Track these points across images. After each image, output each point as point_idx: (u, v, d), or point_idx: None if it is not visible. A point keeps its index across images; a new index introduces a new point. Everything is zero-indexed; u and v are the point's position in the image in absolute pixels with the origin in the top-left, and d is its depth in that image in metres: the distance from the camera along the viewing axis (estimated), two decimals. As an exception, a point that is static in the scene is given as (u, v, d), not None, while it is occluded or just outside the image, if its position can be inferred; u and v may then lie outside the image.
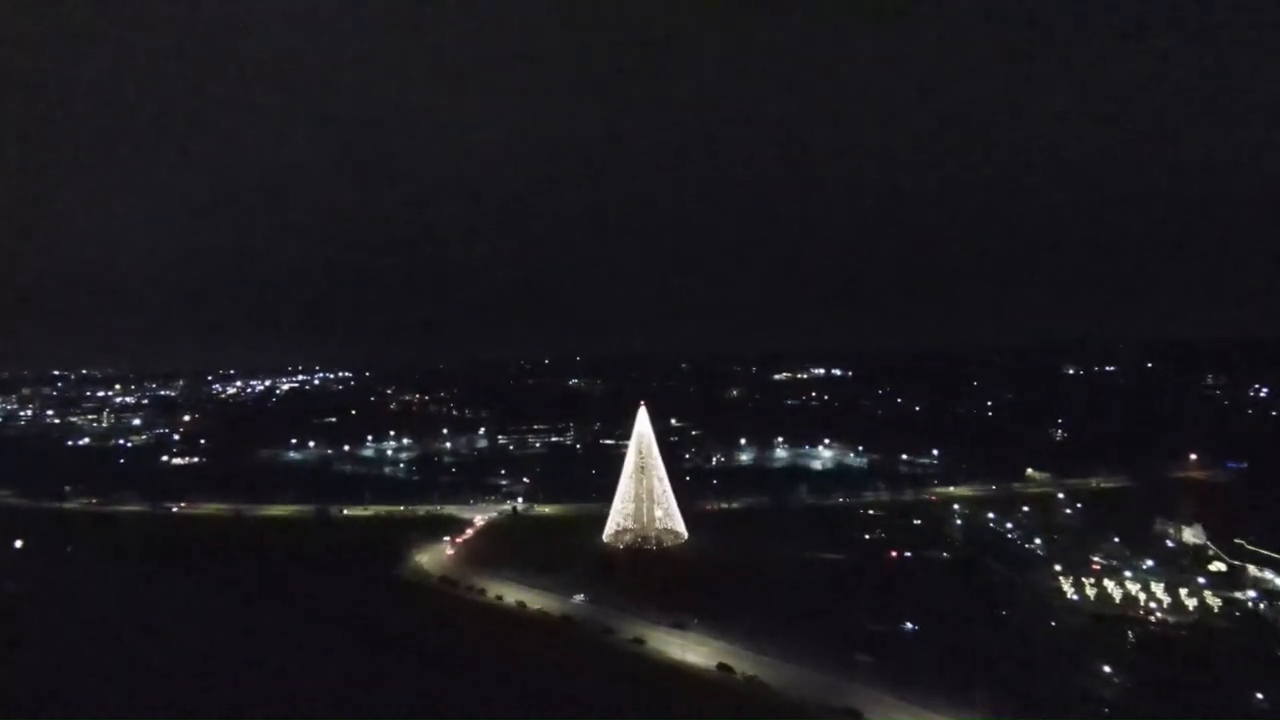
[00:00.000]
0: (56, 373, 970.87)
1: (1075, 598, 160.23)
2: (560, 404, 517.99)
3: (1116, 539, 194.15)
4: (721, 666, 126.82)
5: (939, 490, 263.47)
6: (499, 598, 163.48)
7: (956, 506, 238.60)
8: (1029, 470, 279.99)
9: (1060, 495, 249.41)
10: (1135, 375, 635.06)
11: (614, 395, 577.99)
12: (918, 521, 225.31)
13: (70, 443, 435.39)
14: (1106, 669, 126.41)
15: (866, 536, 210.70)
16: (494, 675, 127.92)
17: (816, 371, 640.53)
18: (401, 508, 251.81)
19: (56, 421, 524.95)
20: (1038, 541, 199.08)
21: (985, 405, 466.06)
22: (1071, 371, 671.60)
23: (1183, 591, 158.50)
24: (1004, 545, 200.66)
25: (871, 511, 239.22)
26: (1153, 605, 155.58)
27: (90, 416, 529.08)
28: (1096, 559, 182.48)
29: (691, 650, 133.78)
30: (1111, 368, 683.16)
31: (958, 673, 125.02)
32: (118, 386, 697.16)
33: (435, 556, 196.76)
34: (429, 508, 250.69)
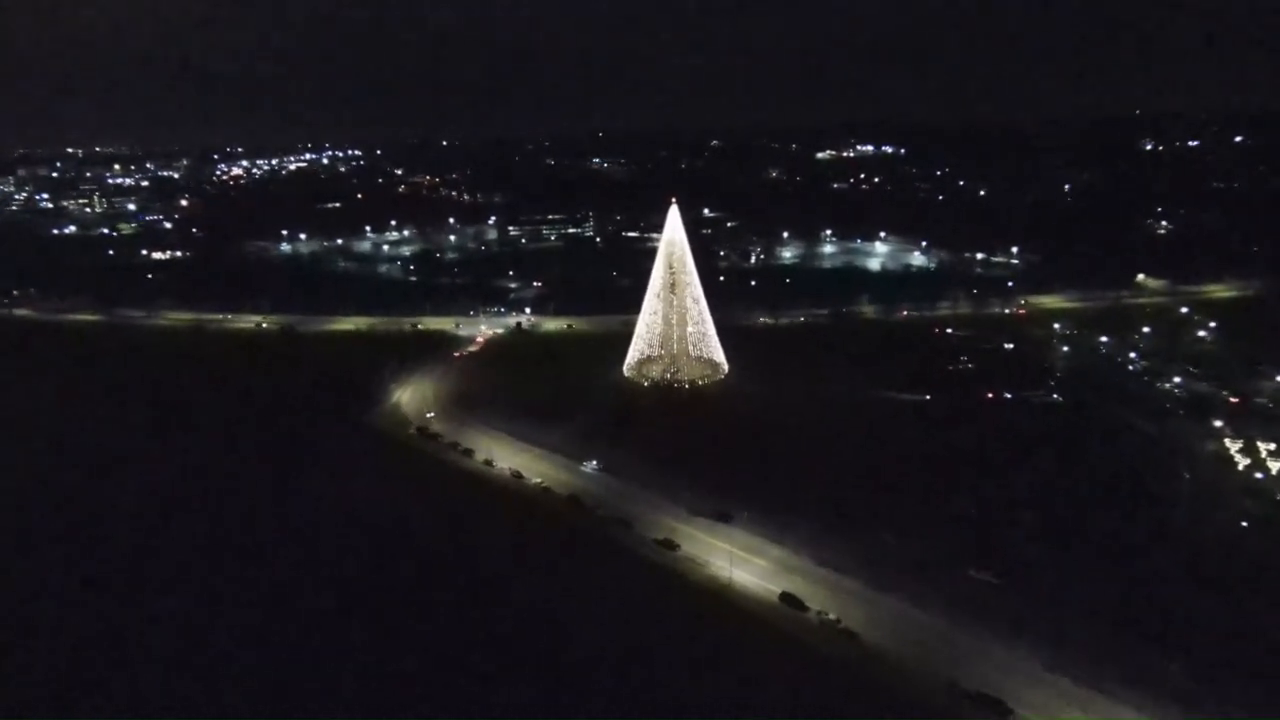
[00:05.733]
0: (69, 150, 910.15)
1: (1257, 474, 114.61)
2: (580, 188, 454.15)
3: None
4: (787, 599, 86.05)
5: (1029, 301, 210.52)
6: (488, 462, 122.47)
7: (1057, 325, 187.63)
8: (1139, 276, 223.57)
9: (1184, 309, 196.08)
10: (1225, 151, 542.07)
11: (639, 177, 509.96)
12: (1010, 345, 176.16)
13: (56, 231, 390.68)
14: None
15: (950, 367, 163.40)
16: (461, 598, 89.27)
17: (864, 149, 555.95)
18: (390, 320, 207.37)
19: (49, 206, 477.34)
20: (1176, 380, 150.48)
21: (1062, 189, 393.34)
22: (1150, 147, 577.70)
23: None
24: (1131, 384, 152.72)
25: (950, 330, 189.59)
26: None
27: (82, 201, 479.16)
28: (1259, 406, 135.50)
29: (742, 564, 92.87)
30: (1195, 142, 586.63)
31: (1127, 614, 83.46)
32: (116, 167, 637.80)
33: (418, 392, 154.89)
34: (421, 320, 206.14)
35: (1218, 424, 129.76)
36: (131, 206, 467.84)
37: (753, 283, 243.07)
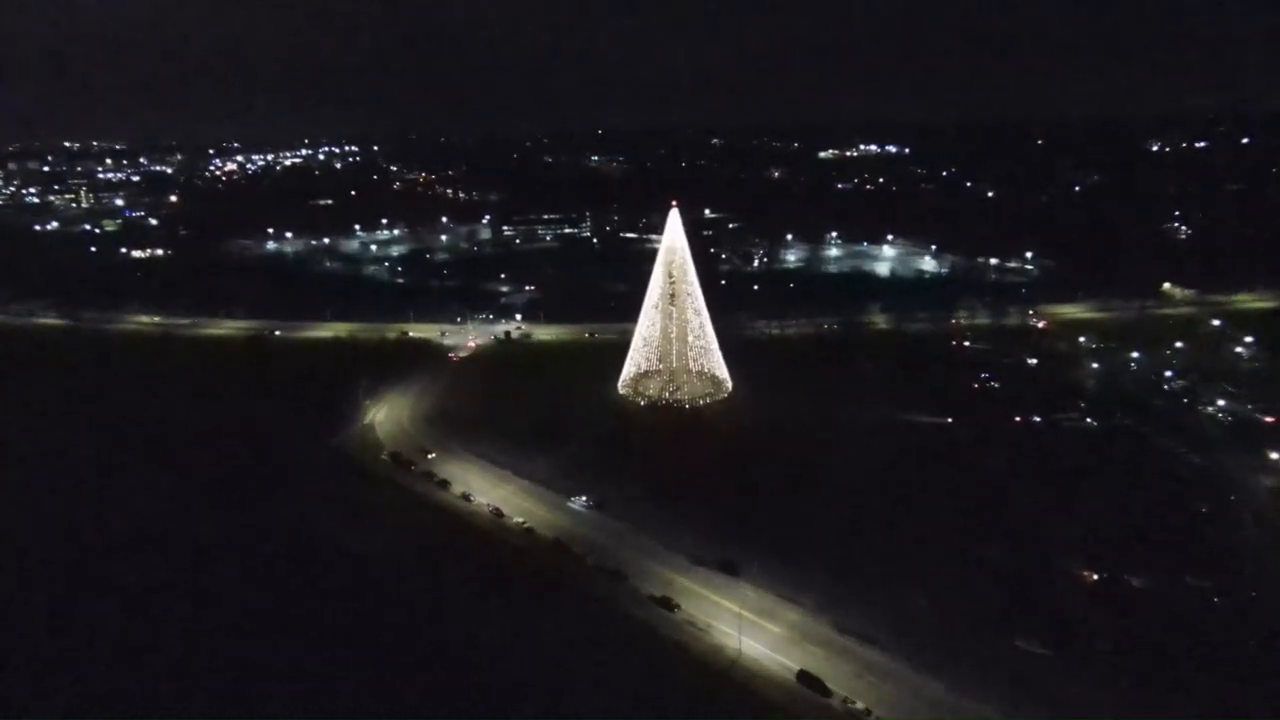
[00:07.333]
0: (65, 144, 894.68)
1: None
2: (577, 186, 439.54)
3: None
4: (806, 679, 72.50)
5: (1049, 310, 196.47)
6: (466, 496, 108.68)
7: (1082, 339, 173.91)
8: (1165, 284, 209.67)
9: (1216, 321, 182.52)
10: (1235, 152, 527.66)
11: (637, 176, 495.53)
12: (1033, 361, 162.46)
13: (37, 227, 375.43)
14: None
15: (973, 385, 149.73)
16: (421, 669, 75.56)
17: (867, 148, 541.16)
18: (372, 327, 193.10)
19: (36, 201, 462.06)
20: (1220, 403, 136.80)
21: (1072, 190, 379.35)
22: (1157, 148, 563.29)
23: None
24: (1170, 406, 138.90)
25: (967, 343, 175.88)
26: None
27: (69, 196, 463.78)
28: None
29: (752, 629, 79.24)
30: (1204, 143, 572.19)
31: (1208, 702, 70.17)
32: (109, 161, 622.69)
33: (394, 411, 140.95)
34: (405, 328, 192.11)
35: (1273, 455, 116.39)
36: (119, 202, 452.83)
37: (755, 287, 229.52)
